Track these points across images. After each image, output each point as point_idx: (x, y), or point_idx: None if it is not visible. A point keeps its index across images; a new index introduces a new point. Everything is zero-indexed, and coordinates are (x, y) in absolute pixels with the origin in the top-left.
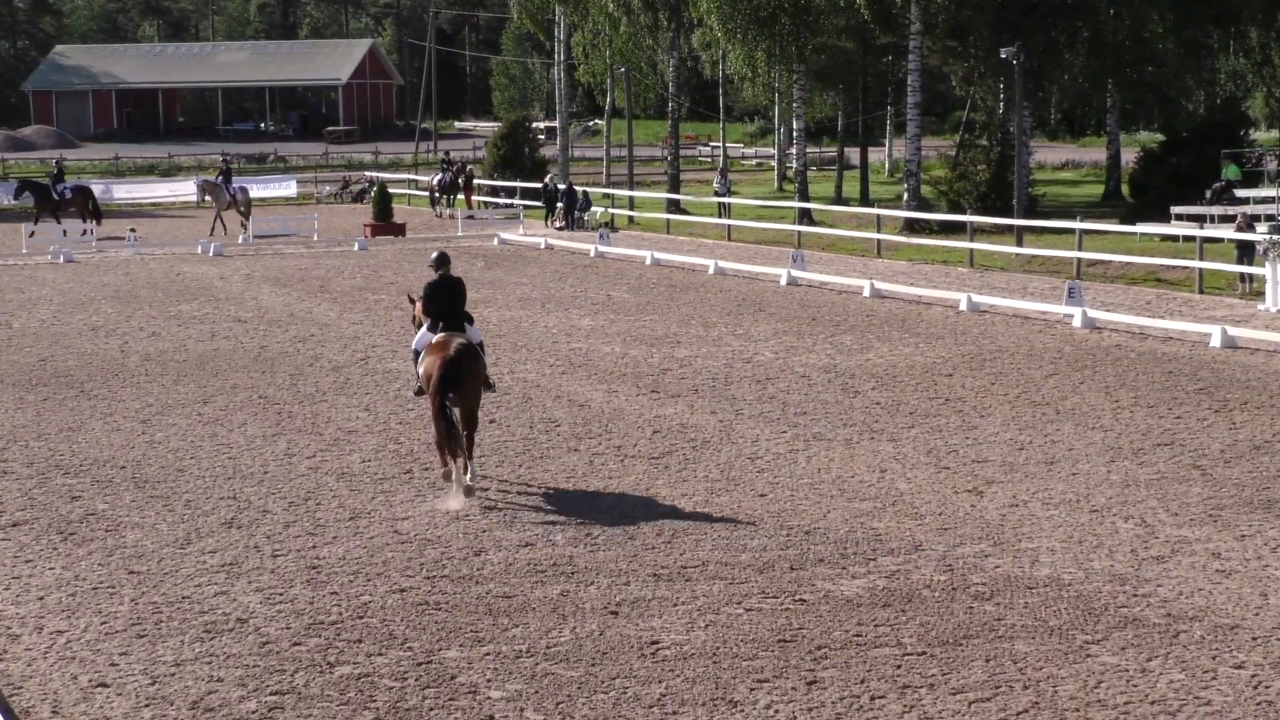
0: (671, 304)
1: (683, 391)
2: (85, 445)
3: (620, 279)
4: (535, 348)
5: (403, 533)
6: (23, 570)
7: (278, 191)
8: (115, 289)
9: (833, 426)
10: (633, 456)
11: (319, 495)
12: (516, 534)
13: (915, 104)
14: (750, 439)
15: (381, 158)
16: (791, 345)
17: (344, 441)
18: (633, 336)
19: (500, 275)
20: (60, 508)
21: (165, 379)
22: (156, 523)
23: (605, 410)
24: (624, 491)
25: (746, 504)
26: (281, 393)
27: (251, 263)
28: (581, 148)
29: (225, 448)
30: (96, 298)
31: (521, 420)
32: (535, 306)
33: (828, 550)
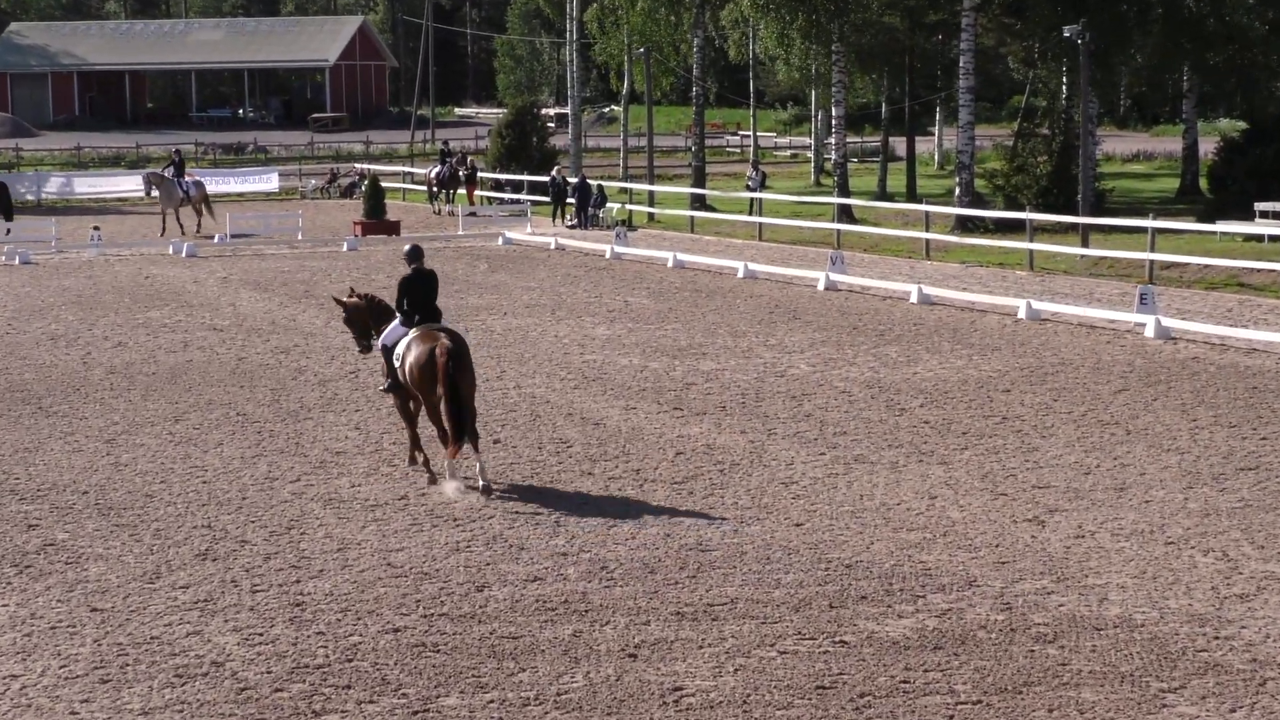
0: (696, 311)
1: (709, 409)
2: (43, 468)
3: (639, 283)
4: (544, 359)
5: (397, 566)
6: None
7: (257, 185)
8: (77, 294)
9: (876, 448)
10: (653, 481)
11: (303, 524)
12: (523, 567)
13: (968, 88)
14: (784, 462)
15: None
16: (830, 357)
17: (331, 464)
18: (653, 347)
19: (505, 279)
20: (15, 537)
21: (132, 394)
22: (122, 554)
23: (622, 429)
24: (644, 520)
25: (780, 534)
26: (262, 410)
27: (228, 265)
28: (596, 137)
29: (199, 471)
30: (56, 303)
31: (529, 440)
32: (544, 313)
33: (871, 586)
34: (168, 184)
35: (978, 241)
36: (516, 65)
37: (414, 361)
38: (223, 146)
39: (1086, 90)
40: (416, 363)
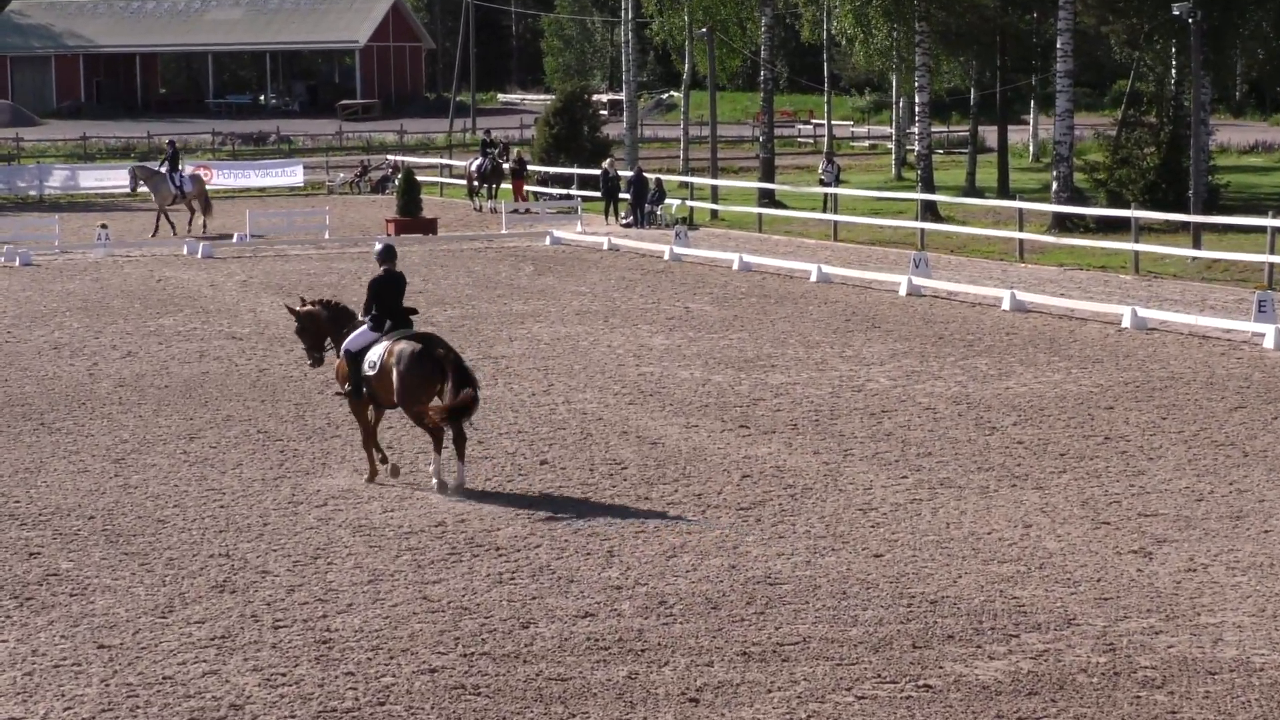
0: (764, 318)
1: (778, 427)
2: (45, 490)
3: (701, 287)
4: (596, 372)
5: (433, 600)
6: None
7: (280, 179)
8: (82, 298)
9: (964, 471)
10: (717, 507)
11: (331, 553)
12: (573, 602)
13: (1066, 72)
14: (862, 486)
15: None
16: (913, 370)
17: (362, 487)
18: (716, 358)
19: (553, 282)
20: (15, 566)
21: (143, 409)
22: (132, 586)
23: (683, 449)
24: (706, 550)
25: (858, 566)
26: (285, 426)
27: (248, 267)
28: (653, 125)
29: (216, 494)
30: (59, 309)
31: (579, 461)
32: (596, 321)
33: (959, 624)
34: (157, 178)
35: (1077, 242)
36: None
37: (405, 369)
38: (242, 136)
39: (1198, 74)
40: (408, 370)
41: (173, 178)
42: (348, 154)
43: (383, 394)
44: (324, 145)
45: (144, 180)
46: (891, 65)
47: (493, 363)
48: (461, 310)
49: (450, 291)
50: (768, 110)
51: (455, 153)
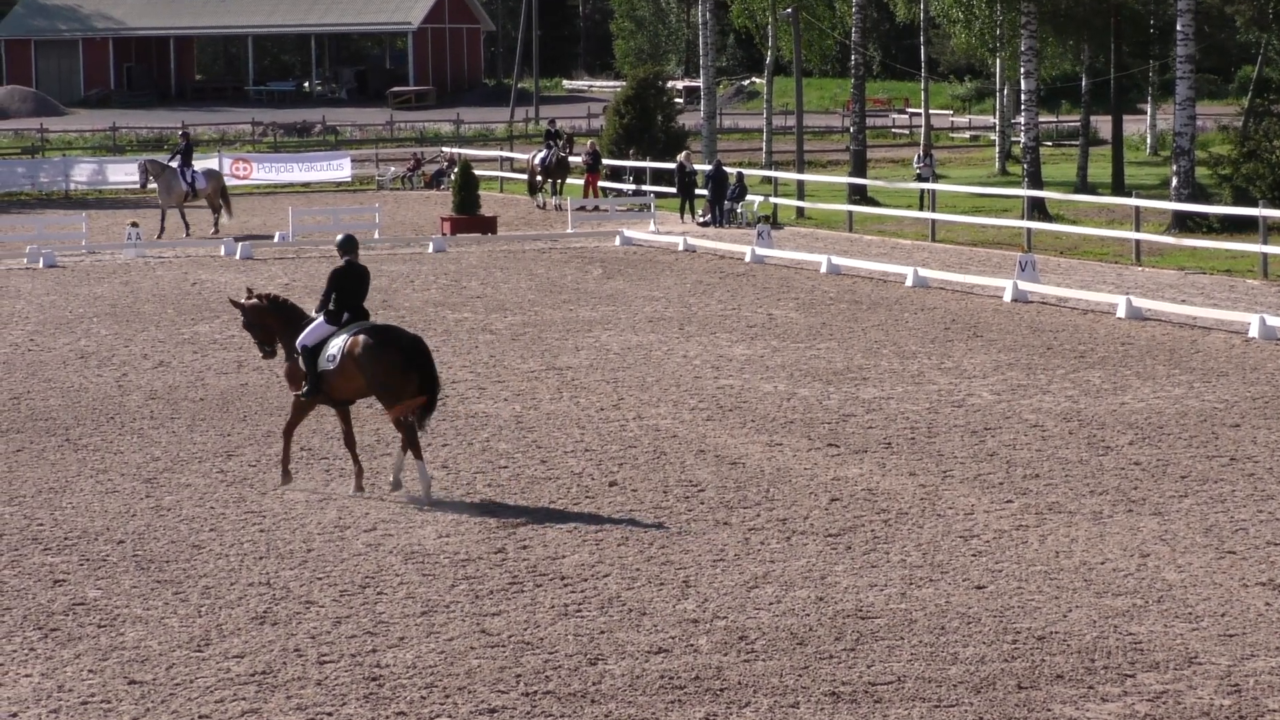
0: (855, 326)
1: (870, 445)
2: (71, 512)
3: (785, 292)
4: (671, 384)
5: (492, 633)
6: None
7: (326, 174)
8: (111, 303)
9: (1075, 494)
10: (803, 533)
11: (380, 581)
12: (645, 636)
13: (1187, 57)
14: (963, 510)
15: (464, 128)
16: (1019, 383)
17: (414, 509)
18: (802, 370)
19: (623, 286)
20: (39, 594)
21: (177, 424)
22: (165, 616)
23: (765, 470)
24: (790, 581)
25: (958, 598)
26: (330, 443)
27: (291, 269)
28: (734, 115)
29: (256, 516)
30: (86, 315)
31: (652, 482)
32: (670, 329)
33: (1069, 663)
34: (168, 174)
35: (1199, 243)
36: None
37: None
38: (285, 126)
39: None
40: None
41: (184, 173)
42: (399, 146)
43: (343, 389)
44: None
45: (154, 175)
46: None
47: (557, 374)
48: (523, 317)
49: (511, 296)
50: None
51: (516, 145)
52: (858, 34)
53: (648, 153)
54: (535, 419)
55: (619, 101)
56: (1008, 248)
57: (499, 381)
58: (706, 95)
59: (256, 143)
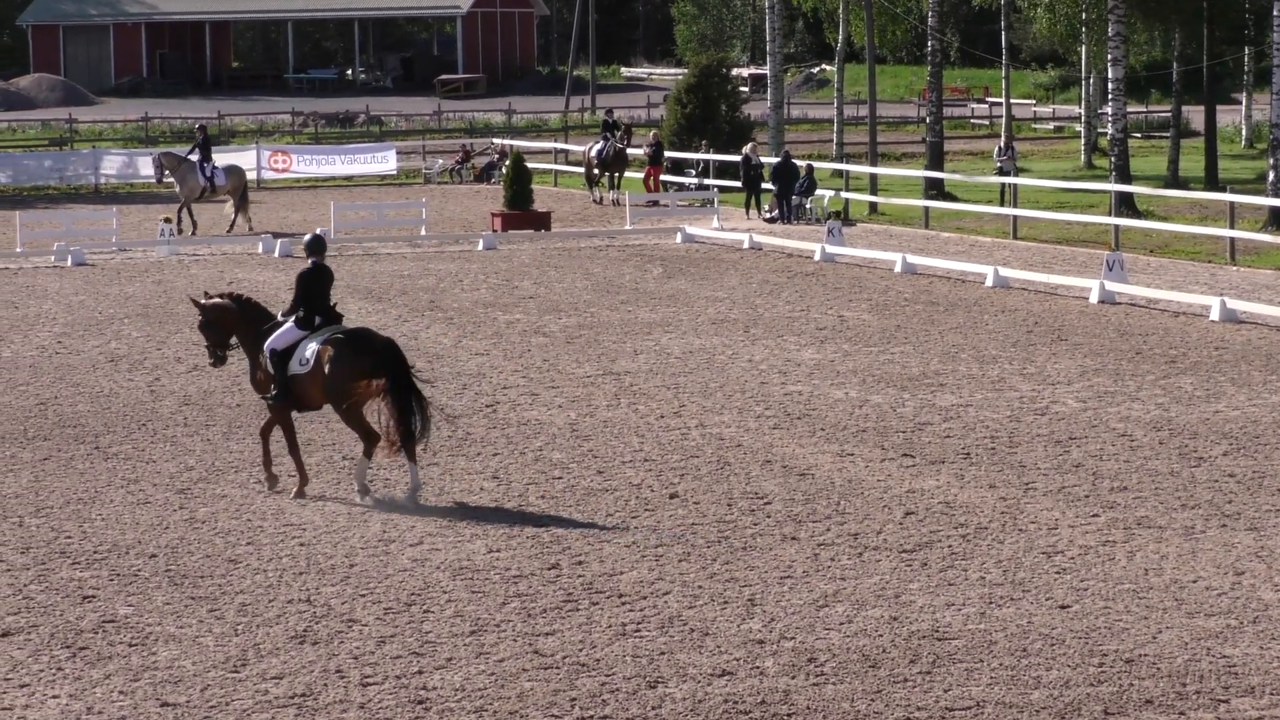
0: (931, 329)
1: (948, 456)
2: (101, 524)
3: (857, 293)
4: (735, 391)
5: (546, 654)
6: (16, 699)
7: (370, 166)
8: (143, 303)
9: (1165, 509)
10: (875, 549)
11: (427, 599)
12: (708, 658)
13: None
14: (1046, 525)
15: (516, 119)
16: (1105, 390)
17: (462, 523)
18: (875, 376)
19: (685, 286)
20: (67, 611)
21: (212, 432)
22: (199, 635)
23: (836, 481)
24: (862, 599)
25: (1041, 618)
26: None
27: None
28: (802, 104)
29: (295, 529)
30: (117, 315)
31: (715, 495)
32: (735, 331)
33: (1159, 687)
34: (185, 168)
35: None
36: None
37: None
38: (326, 117)
39: None
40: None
41: (203, 168)
42: (447, 137)
43: (315, 396)
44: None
45: (170, 170)
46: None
47: (615, 380)
48: (578, 318)
49: (565, 296)
50: (935, 87)
51: (572, 136)
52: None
53: (711, 144)
54: (591, 427)
55: (680, 90)
56: (1094, 246)
57: (553, 387)
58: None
59: (296, 134)
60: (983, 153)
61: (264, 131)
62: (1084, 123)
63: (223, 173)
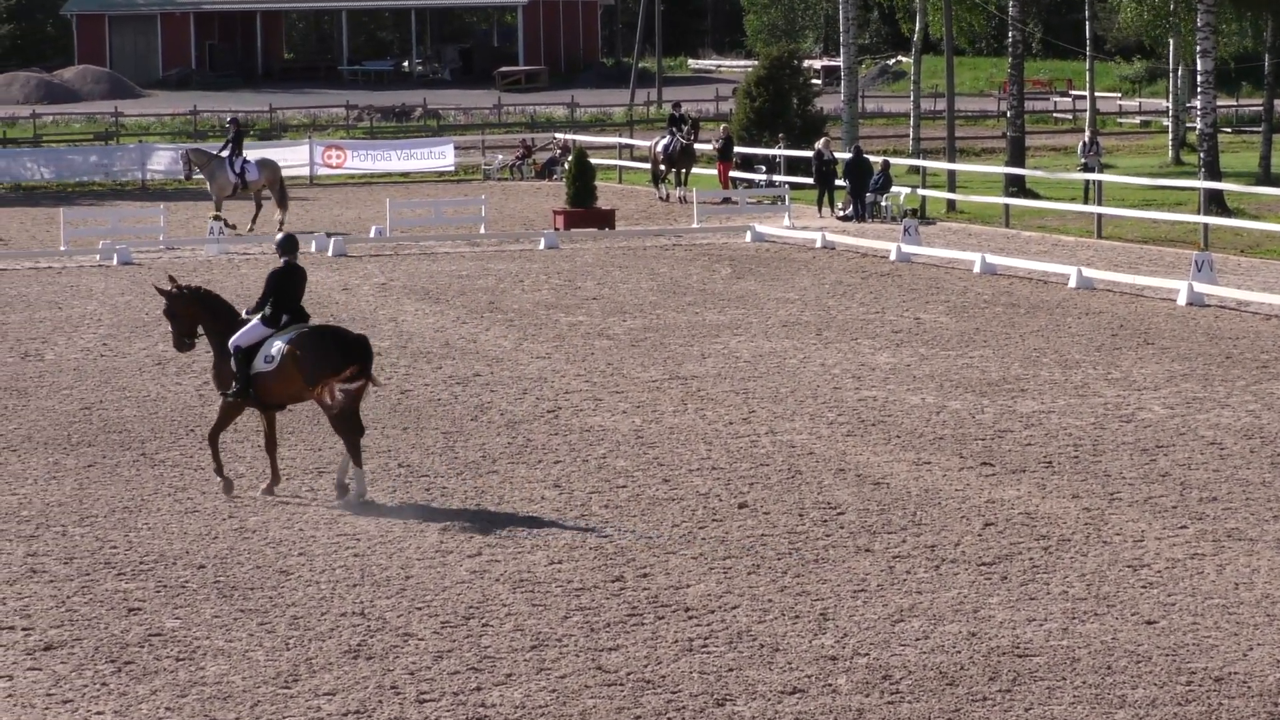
0: (1012, 332)
1: (1029, 464)
2: (147, 534)
3: (935, 294)
4: (807, 396)
5: (609, 670)
6: (59, 716)
7: (427, 162)
8: None
9: (1257, 520)
10: (953, 561)
11: (486, 612)
12: (778, 675)
13: None
14: (1131, 537)
15: (580, 112)
16: (1195, 396)
17: (523, 533)
18: (953, 381)
19: (754, 287)
20: (112, 624)
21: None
22: (249, 649)
23: (912, 491)
24: (939, 614)
25: (1126, 635)
26: (431, 459)
27: (388, 267)
28: (877, 98)
29: (349, 539)
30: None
31: (787, 504)
32: (808, 334)
33: (1249, 707)
34: (214, 164)
35: None
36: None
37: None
38: (382, 110)
39: None
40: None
41: (233, 163)
42: (508, 131)
43: (279, 393)
44: (479, 121)
45: (199, 166)
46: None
47: (681, 384)
48: (644, 320)
49: (630, 298)
50: (1017, 79)
51: (637, 130)
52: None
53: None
54: (657, 434)
55: (750, 83)
56: (1182, 245)
57: (617, 392)
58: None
59: (351, 128)
60: (1066, 148)
61: (317, 126)
62: (1171, 117)
63: (254, 167)
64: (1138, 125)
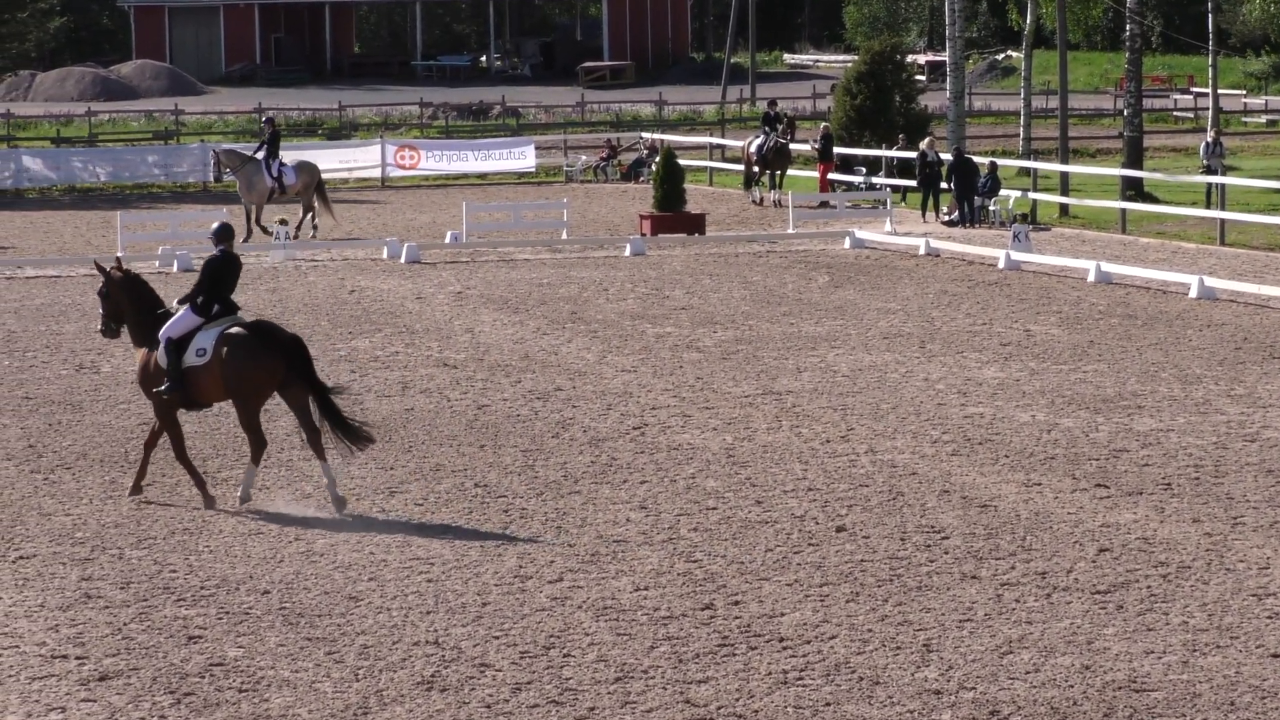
0: (1129, 345)
1: (1146, 486)
2: (209, 557)
3: (1046, 305)
4: (909, 413)
5: (698, 704)
6: None
7: (506, 163)
8: (255, 314)
9: None
10: (1065, 589)
11: (567, 641)
12: (879, 709)
13: None
14: (1256, 564)
15: (668, 110)
16: None
17: (607, 557)
18: (1066, 397)
19: (854, 297)
20: (171, 653)
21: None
22: (316, 679)
23: (1021, 514)
24: (1051, 645)
25: (1250, 668)
26: (510, 479)
27: (464, 274)
28: (985, 95)
29: (422, 564)
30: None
31: (887, 527)
32: (910, 347)
33: None
34: (250, 167)
35: None
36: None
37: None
38: (458, 108)
39: None
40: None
41: (269, 166)
42: (591, 131)
43: (209, 391)
44: (561, 120)
45: (232, 169)
46: None
47: (776, 400)
48: (735, 332)
49: (721, 308)
50: (1134, 76)
51: (729, 129)
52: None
53: (883, 139)
54: (749, 452)
55: (850, 79)
56: None
57: (707, 408)
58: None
59: (425, 127)
60: (1187, 149)
61: (389, 125)
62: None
63: (292, 171)
64: (1264, 125)
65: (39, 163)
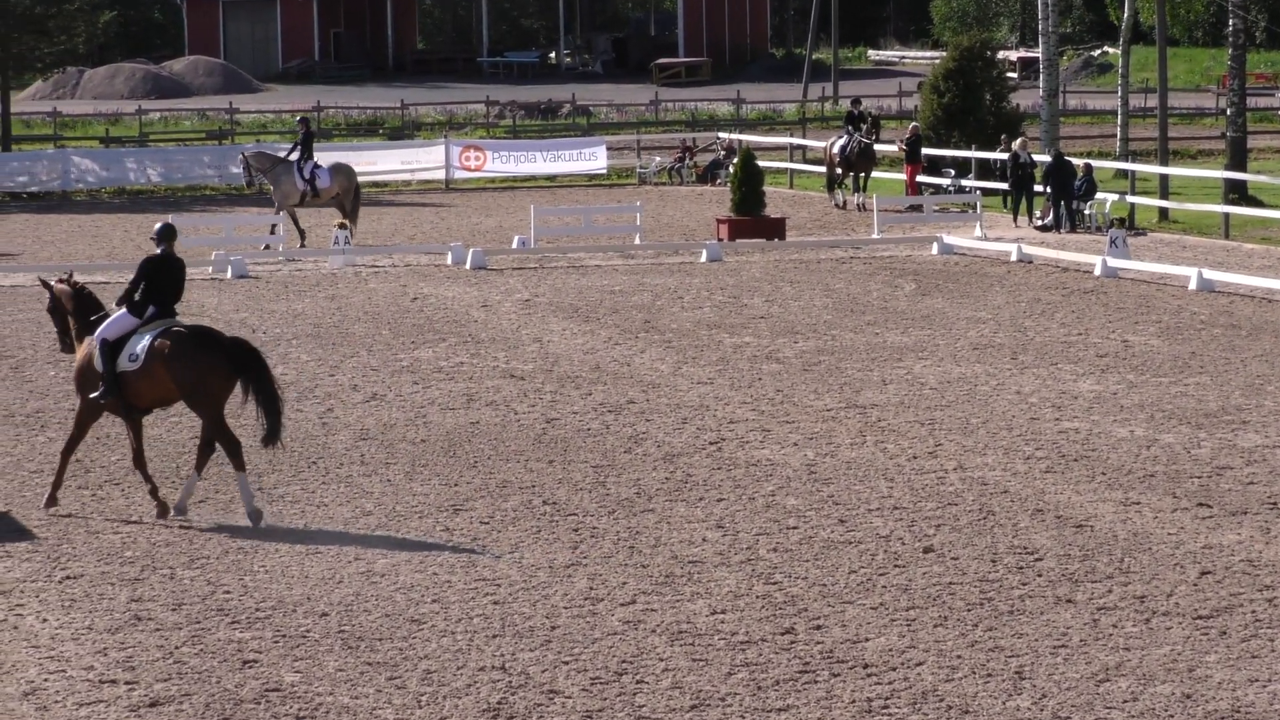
0: (1232, 357)
1: (1252, 505)
2: (264, 577)
3: (1144, 314)
4: (1000, 428)
5: None
6: None
7: (577, 165)
8: (314, 322)
9: None
10: (1166, 614)
11: (640, 667)
12: None
13: None
14: None
15: (746, 109)
16: None
17: (682, 579)
18: (1166, 411)
19: (942, 305)
20: (224, 678)
21: (392, 470)
22: (377, 706)
23: (1119, 534)
24: (1150, 673)
25: None
26: (580, 496)
27: (533, 281)
28: (1080, 93)
29: (488, 585)
30: (284, 336)
31: (977, 548)
32: (1000, 358)
33: None
34: (280, 169)
35: None
36: None
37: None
38: (526, 107)
39: None
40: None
41: (302, 168)
42: (666, 131)
43: (145, 394)
44: (634, 119)
45: (262, 171)
46: None
47: (859, 413)
48: (817, 342)
49: (802, 316)
50: (1238, 73)
51: (810, 129)
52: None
53: (973, 140)
54: (832, 469)
55: (937, 76)
56: None
57: (787, 422)
58: (1047, 69)
59: (491, 126)
60: None
61: (454, 124)
62: None
63: (326, 173)
64: None
65: (88, 163)
